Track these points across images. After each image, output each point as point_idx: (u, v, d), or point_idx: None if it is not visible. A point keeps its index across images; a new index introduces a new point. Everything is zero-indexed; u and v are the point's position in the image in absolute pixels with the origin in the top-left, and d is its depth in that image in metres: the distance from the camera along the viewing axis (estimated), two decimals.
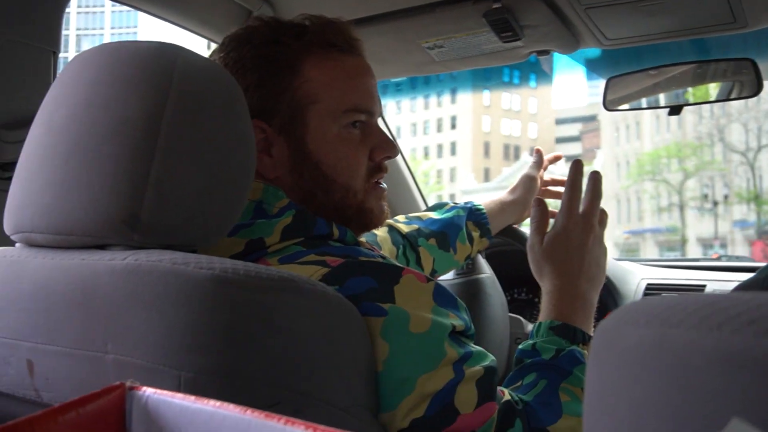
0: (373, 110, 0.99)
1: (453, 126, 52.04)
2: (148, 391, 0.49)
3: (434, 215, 1.46)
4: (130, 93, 0.70)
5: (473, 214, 1.48)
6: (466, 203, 1.52)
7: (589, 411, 0.41)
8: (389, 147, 1.00)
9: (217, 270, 0.65)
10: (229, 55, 0.96)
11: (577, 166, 1.13)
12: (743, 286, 0.74)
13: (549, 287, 1.06)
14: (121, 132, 0.69)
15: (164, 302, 0.64)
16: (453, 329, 0.82)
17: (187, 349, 0.63)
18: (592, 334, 1.02)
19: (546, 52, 1.51)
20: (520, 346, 1.01)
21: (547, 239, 1.10)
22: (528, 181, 1.58)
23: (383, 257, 0.88)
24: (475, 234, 1.48)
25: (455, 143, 51.66)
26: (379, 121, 1.96)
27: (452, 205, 1.51)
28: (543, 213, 1.14)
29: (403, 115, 53.06)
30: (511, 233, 1.66)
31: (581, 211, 1.10)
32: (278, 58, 0.94)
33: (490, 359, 0.84)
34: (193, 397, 0.47)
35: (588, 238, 1.08)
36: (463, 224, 1.46)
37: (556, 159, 1.63)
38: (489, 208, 1.53)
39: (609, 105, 1.56)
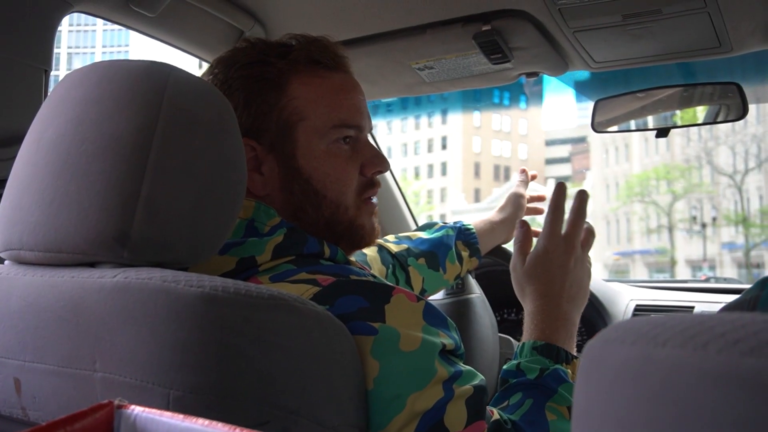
0: (361, 125, 1.00)
1: (443, 146, 52.19)
2: (137, 410, 0.49)
3: (423, 235, 1.47)
4: (121, 110, 0.70)
5: (462, 233, 1.49)
6: (455, 223, 1.53)
7: (577, 429, 0.41)
8: (380, 161, 1.01)
9: (207, 288, 0.65)
10: (216, 77, 0.97)
11: (560, 188, 1.13)
12: (729, 307, 0.75)
13: (531, 308, 1.07)
14: (111, 149, 0.69)
15: (154, 320, 0.64)
16: (443, 348, 0.82)
17: (177, 367, 0.63)
18: (575, 353, 1.03)
19: (535, 74, 1.52)
20: (504, 367, 1.02)
21: (529, 260, 1.10)
22: (516, 199, 1.59)
23: (374, 276, 0.88)
24: (465, 253, 1.49)
25: (446, 164, 51.78)
26: (370, 140, 1.98)
27: (442, 224, 1.52)
28: (526, 234, 1.15)
29: (393, 136, 53.18)
30: (501, 253, 1.66)
31: (564, 233, 1.10)
32: (264, 77, 0.95)
33: (480, 378, 0.84)
34: (181, 416, 0.47)
35: (569, 260, 1.08)
36: (453, 244, 1.46)
37: (533, 177, 1.65)
38: (478, 228, 1.54)
39: (597, 127, 1.57)
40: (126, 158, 0.69)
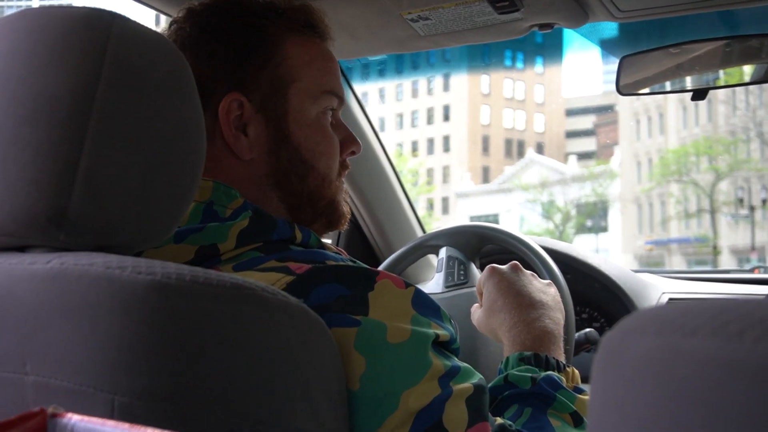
0: (343, 98, 1.07)
1: (446, 117, 52.21)
2: (74, 418, 0.49)
3: None
4: (55, 66, 0.70)
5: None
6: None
7: (594, 430, 0.41)
8: (354, 142, 1.08)
9: (158, 275, 0.64)
10: (209, 21, 1.00)
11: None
12: None
13: (506, 326, 1.18)
14: (44, 112, 0.68)
15: (95, 313, 0.64)
16: (436, 338, 0.84)
17: (123, 368, 0.63)
18: (564, 362, 1.11)
19: (550, 26, 1.50)
20: (490, 384, 1.06)
21: (484, 301, 1.26)
22: None
23: (353, 261, 0.89)
24: None
25: (448, 137, 51.82)
26: (359, 112, 1.98)
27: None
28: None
29: (387, 105, 53.16)
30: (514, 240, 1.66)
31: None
32: (264, 31, 1.00)
33: (479, 377, 0.86)
34: (127, 425, 0.47)
35: (515, 277, 1.24)
36: None
37: None
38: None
39: (623, 89, 1.57)
40: (62, 122, 0.68)
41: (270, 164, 1.00)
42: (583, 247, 2.10)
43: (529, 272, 1.27)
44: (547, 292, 1.24)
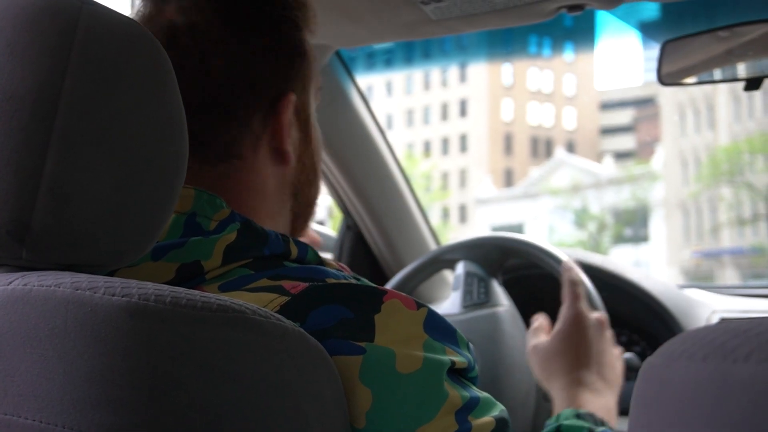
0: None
1: (463, 113, 52.30)
2: None
3: None
4: (15, 59, 0.70)
5: None
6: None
7: None
8: None
9: (134, 297, 0.64)
10: (236, 12, 1.00)
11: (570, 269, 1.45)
12: None
13: (563, 382, 1.25)
14: (3, 113, 0.69)
15: (63, 341, 0.64)
16: (452, 365, 0.83)
17: (95, 403, 0.63)
18: None
19: (580, 7, 1.51)
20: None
21: (556, 334, 1.33)
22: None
23: (357, 278, 0.89)
24: None
25: (466, 136, 51.90)
26: (362, 108, 1.98)
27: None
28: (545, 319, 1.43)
29: (395, 99, 53.25)
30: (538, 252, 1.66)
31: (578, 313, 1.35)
32: (297, 24, 1.03)
33: (500, 409, 0.85)
34: None
35: (586, 336, 1.32)
36: None
37: None
38: None
39: (666, 78, 1.57)
40: (23, 124, 0.69)
41: (296, 172, 1.04)
42: (621, 260, 2.09)
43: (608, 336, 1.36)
44: (617, 367, 1.33)
